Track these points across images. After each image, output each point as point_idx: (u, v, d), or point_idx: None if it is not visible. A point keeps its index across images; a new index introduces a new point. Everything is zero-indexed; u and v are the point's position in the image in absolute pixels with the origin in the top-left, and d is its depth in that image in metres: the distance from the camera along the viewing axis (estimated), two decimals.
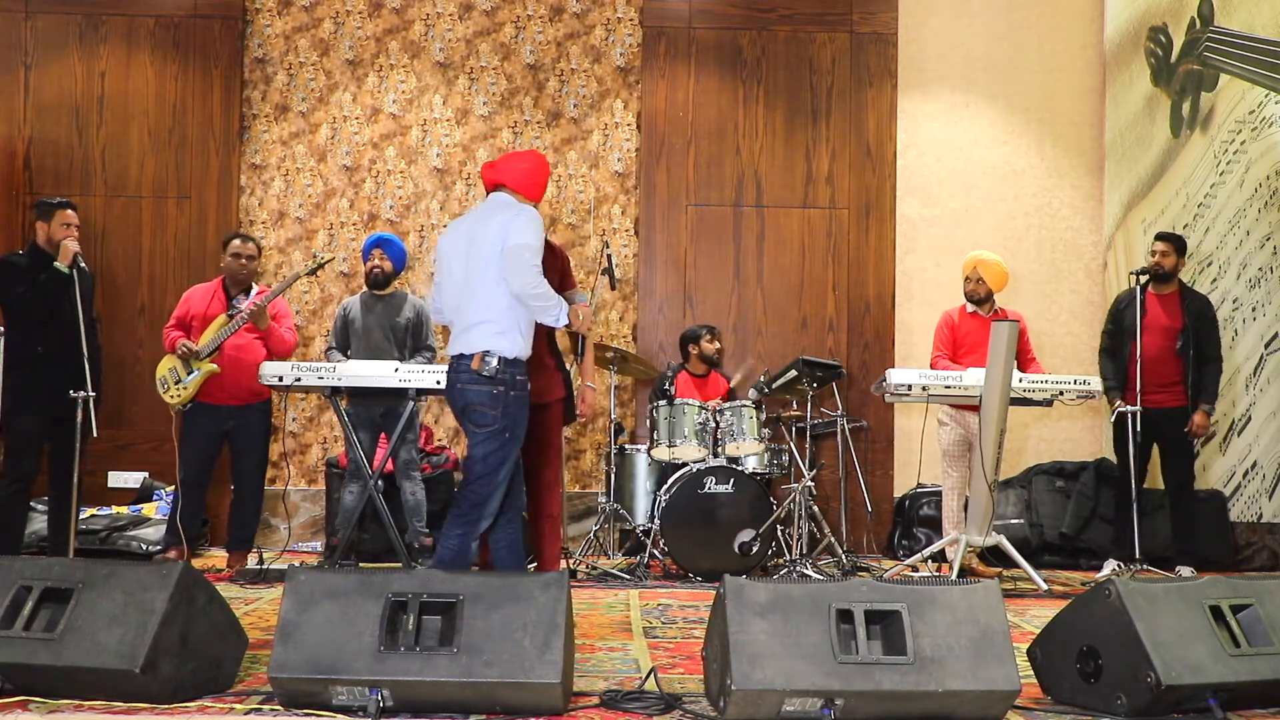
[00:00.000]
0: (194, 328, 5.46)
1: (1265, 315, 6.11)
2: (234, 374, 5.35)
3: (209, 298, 5.53)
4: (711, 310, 7.19)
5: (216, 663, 2.89)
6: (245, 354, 5.38)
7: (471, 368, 3.62)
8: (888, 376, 5.46)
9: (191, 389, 5.35)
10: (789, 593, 2.70)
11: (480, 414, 3.62)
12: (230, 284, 5.56)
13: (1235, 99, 6.38)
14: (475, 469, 3.64)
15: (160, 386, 5.43)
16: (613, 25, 7.43)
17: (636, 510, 6.13)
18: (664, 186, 7.27)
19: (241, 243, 5.59)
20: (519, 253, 3.60)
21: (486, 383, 3.60)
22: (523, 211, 3.71)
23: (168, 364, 5.44)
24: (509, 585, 2.76)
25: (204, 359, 5.33)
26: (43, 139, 7.04)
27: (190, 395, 5.35)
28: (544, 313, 3.68)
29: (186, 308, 5.53)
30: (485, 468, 3.62)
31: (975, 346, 5.67)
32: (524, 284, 3.60)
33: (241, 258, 5.54)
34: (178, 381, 5.37)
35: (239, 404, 5.43)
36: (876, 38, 7.33)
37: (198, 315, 5.48)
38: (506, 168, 3.88)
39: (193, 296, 5.58)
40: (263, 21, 7.32)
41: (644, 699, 2.80)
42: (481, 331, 3.66)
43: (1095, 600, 2.82)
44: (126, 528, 6.08)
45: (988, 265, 5.68)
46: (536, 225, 3.68)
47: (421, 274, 7.26)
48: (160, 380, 5.43)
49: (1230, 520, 6.27)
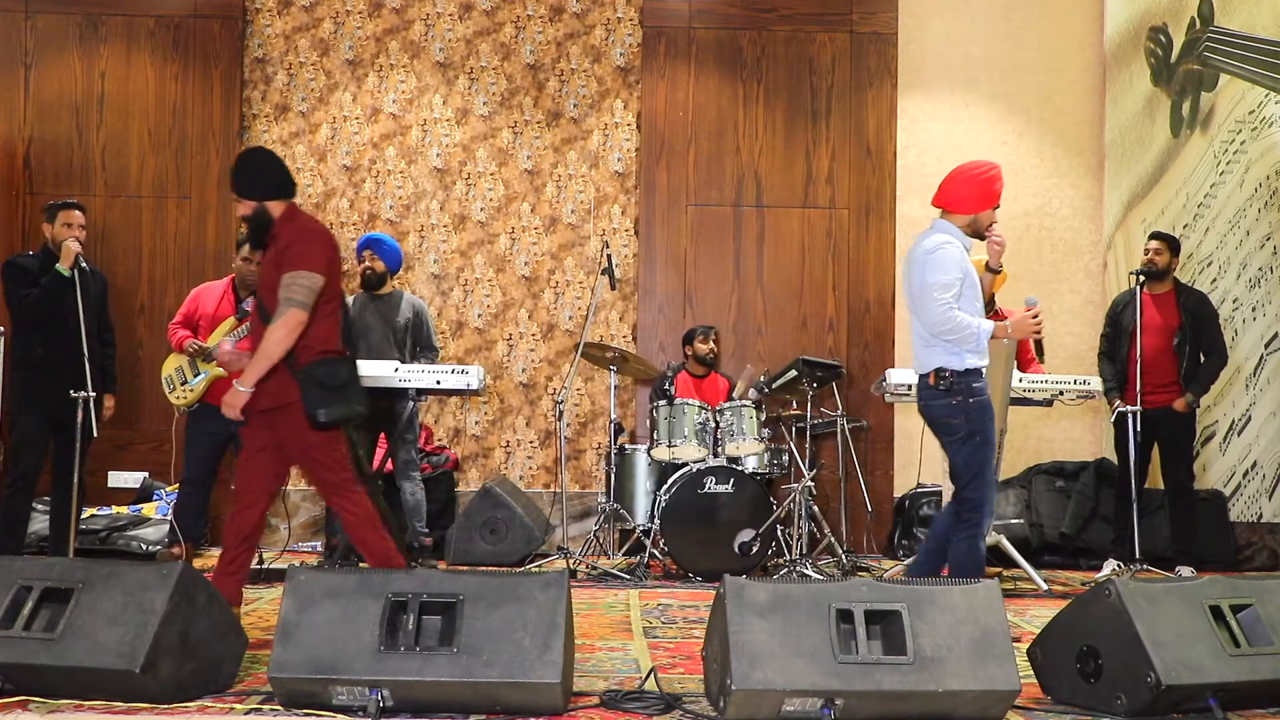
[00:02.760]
0: (201, 327, 5.42)
1: (1265, 315, 6.11)
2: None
3: (219, 298, 5.50)
4: (711, 310, 7.19)
5: (216, 663, 2.89)
6: None
7: (930, 384, 3.86)
8: (888, 376, 5.47)
9: (199, 390, 5.33)
10: (789, 593, 2.70)
11: (947, 425, 3.86)
12: (240, 286, 5.55)
13: (1235, 99, 6.38)
14: (962, 476, 3.84)
15: (166, 385, 5.40)
16: (613, 25, 7.43)
17: (636, 510, 6.13)
18: (664, 186, 7.27)
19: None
20: (928, 292, 3.77)
21: (944, 395, 3.83)
22: (935, 247, 3.83)
23: (174, 363, 5.40)
24: (509, 585, 2.76)
25: (213, 360, 5.33)
26: (43, 139, 7.04)
27: (197, 397, 5.34)
28: (963, 344, 3.79)
29: (194, 306, 5.48)
30: (969, 472, 3.82)
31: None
32: (932, 323, 3.78)
33: (253, 262, 5.53)
34: (184, 382, 5.35)
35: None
36: (876, 38, 7.33)
37: (206, 315, 5.44)
38: (941, 185, 4.04)
39: (202, 295, 5.54)
40: (263, 21, 7.32)
41: (644, 699, 2.80)
42: (931, 352, 3.87)
43: (1095, 600, 2.82)
44: (126, 528, 6.07)
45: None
46: (944, 260, 3.78)
47: (421, 274, 7.26)
48: (166, 379, 5.40)
49: (1230, 520, 6.27)
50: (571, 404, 7.19)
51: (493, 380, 7.22)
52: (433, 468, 6.55)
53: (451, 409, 7.25)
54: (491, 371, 7.22)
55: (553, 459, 7.18)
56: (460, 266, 7.30)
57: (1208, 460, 6.49)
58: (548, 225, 7.34)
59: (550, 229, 7.33)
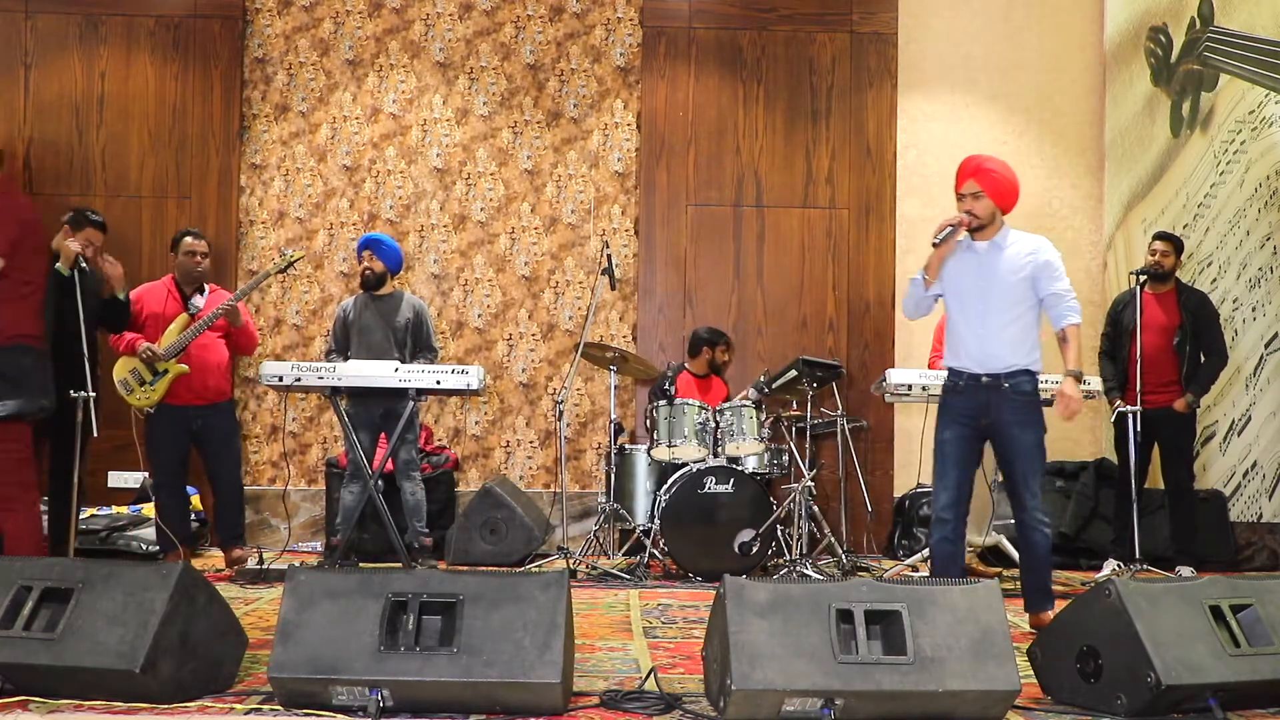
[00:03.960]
0: (148, 326, 5.34)
1: (1265, 315, 6.11)
2: (200, 374, 5.30)
3: (163, 297, 5.43)
4: (711, 310, 7.19)
5: (216, 663, 2.89)
6: (210, 354, 5.35)
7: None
8: (888, 376, 5.46)
9: (161, 390, 5.26)
10: (789, 593, 2.70)
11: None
12: (183, 282, 5.48)
13: (1235, 99, 6.38)
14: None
15: (122, 389, 5.28)
16: (613, 25, 7.43)
17: (636, 510, 6.13)
18: (664, 186, 7.27)
19: (195, 240, 5.50)
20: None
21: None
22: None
23: (126, 365, 5.29)
24: (509, 585, 2.76)
25: (169, 360, 5.28)
26: (43, 139, 7.04)
27: (159, 396, 5.26)
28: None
29: (139, 307, 5.36)
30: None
31: None
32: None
33: (196, 255, 5.48)
34: (143, 383, 5.25)
35: (205, 403, 5.37)
36: (876, 38, 7.33)
37: (153, 314, 5.36)
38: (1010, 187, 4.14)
39: (144, 296, 5.42)
40: (263, 21, 7.32)
41: (644, 699, 2.80)
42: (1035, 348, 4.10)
43: (1095, 600, 2.82)
44: (126, 528, 6.08)
45: None
46: None
47: (421, 274, 7.26)
48: (121, 383, 5.28)
49: (1230, 520, 6.27)
50: (571, 404, 7.19)
51: (493, 380, 7.22)
52: (433, 468, 6.55)
53: (451, 409, 7.25)
54: (491, 371, 7.22)
55: (553, 459, 7.18)
56: (460, 266, 7.29)
57: (1208, 460, 6.48)
58: (548, 225, 7.34)
59: (550, 229, 7.33)
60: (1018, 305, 4.02)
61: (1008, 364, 3.99)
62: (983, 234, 4.07)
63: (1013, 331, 4.00)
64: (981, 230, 4.06)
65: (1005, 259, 4.05)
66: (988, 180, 4.03)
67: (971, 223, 4.04)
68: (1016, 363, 3.99)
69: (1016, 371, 3.99)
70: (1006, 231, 4.11)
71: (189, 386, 5.32)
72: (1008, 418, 3.98)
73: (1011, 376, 3.99)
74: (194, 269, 5.49)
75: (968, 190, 4.04)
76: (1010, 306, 4.02)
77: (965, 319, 4.07)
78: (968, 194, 4.04)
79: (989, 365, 4.01)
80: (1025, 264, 4.03)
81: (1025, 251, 4.05)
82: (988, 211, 4.03)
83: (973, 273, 4.06)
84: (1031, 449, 4.00)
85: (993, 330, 4.00)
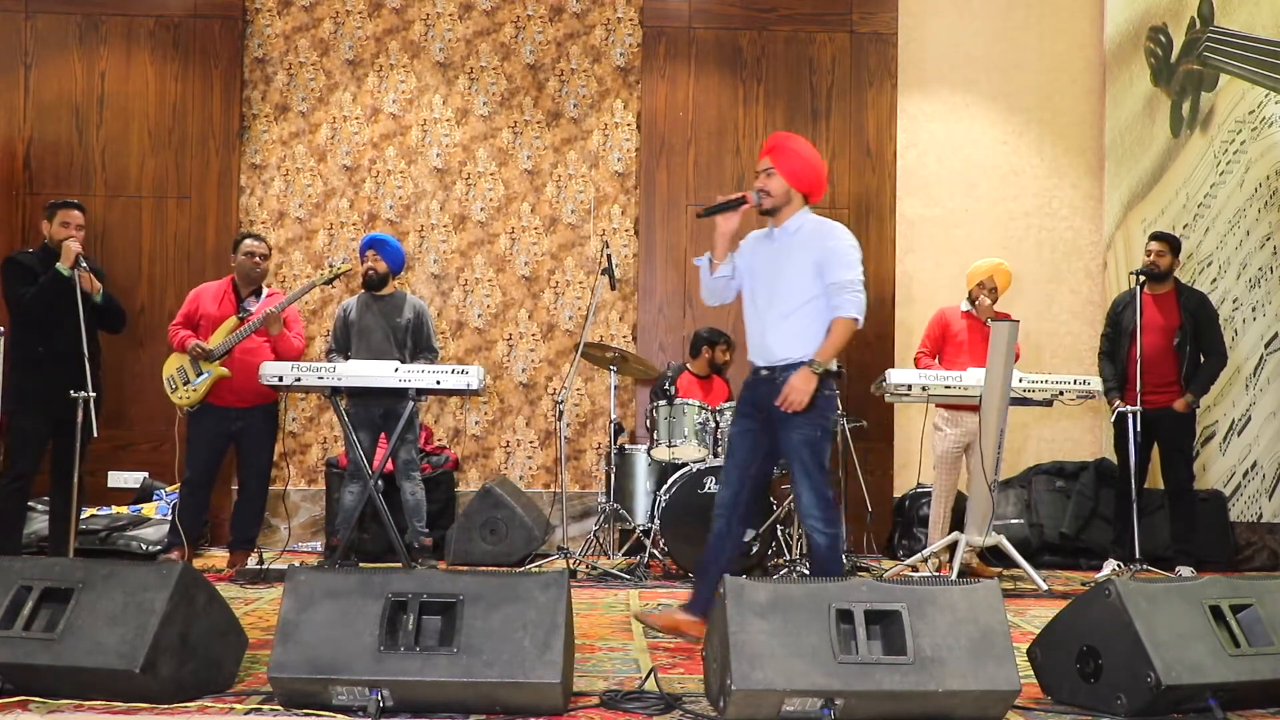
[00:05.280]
0: (202, 327, 5.43)
1: (1265, 315, 6.11)
2: (243, 376, 5.33)
3: (219, 297, 5.51)
4: (711, 310, 7.14)
5: (216, 663, 2.89)
6: (254, 357, 5.35)
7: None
8: (888, 376, 5.46)
9: (201, 391, 5.34)
10: (789, 593, 2.70)
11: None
12: (241, 284, 5.55)
13: (1235, 99, 6.38)
14: None
15: (168, 386, 5.40)
16: (613, 25, 7.43)
17: (636, 510, 6.13)
18: (664, 186, 7.27)
19: (255, 242, 5.57)
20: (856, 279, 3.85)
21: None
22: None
23: (176, 363, 5.40)
24: (509, 585, 2.76)
25: (215, 360, 5.33)
26: (43, 139, 7.04)
27: (200, 397, 5.35)
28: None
29: (195, 305, 5.49)
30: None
31: (971, 346, 5.68)
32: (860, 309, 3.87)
33: (255, 257, 5.53)
34: (186, 383, 5.35)
35: (246, 405, 5.43)
36: (876, 38, 7.33)
37: (207, 315, 5.45)
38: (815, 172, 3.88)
39: (202, 295, 5.54)
40: (263, 21, 7.32)
41: (644, 699, 2.80)
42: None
43: (1095, 600, 2.82)
44: (126, 528, 6.07)
45: (1004, 274, 5.72)
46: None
47: (421, 274, 7.26)
48: (168, 380, 5.40)
49: (1230, 520, 6.27)
50: (571, 404, 7.19)
51: (493, 380, 7.22)
52: (433, 468, 6.55)
53: (451, 409, 7.25)
54: (491, 371, 7.22)
55: (553, 459, 7.18)
56: (460, 266, 7.29)
57: (1208, 460, 6.48)
58: (548, 225, 7.34)
59: (550, 229, 7.33)
60: (799, 295, 3.73)
61: (782, 357, 3.73)
62: (776, 218, 3.82)
63: (793, 323, 3.73)
64: (775, 214, 3.82)
65: (793, 246, 3.78)
66: (783, 158, 3.77)
67: (763, 202, 3.78)
68: (791, 356, 3.70)
69: (791, 365, 3.69)
70: (803, 218, 3.82)
71: (231, 388, 5.36)
72: (777, 414, 3.68)
73: (786, 370, 3.69)
74: (252, 270, 5.52)
75: (761, 167, 3.80)
76: (791, 296, 3.74)
77: (753, 308, 3.85)
78: (761, 170, 3.80)
79: (767, 357, 3.78)
80: (811, 252, 3.75)
81: (813, 239, 3.77)
82: (780, 191, 3.77)
83: (765, 261, 3.82)
84: (797, 447, 3.67)
85: (771, 321, 3.76)
